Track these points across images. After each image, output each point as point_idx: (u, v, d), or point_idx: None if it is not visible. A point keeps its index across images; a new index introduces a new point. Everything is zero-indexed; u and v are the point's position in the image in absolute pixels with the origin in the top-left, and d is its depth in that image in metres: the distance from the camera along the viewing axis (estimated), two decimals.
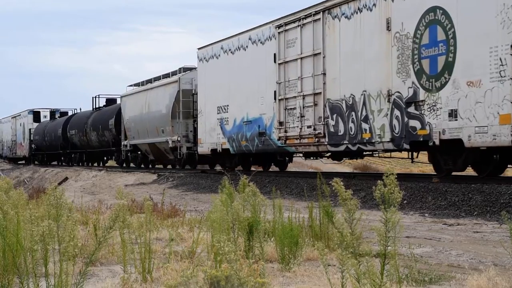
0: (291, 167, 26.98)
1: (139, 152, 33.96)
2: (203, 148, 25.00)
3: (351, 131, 16.81)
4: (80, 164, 43.72)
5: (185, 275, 3.91)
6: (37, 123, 53.14)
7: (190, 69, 28.40)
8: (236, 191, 6.73)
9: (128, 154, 34.63)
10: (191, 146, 27.27)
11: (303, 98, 18.76)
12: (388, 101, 15.52)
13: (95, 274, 6.07)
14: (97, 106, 41.88)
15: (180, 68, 28.90)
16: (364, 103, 16.35)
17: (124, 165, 35.68)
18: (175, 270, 5.59)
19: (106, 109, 39.81)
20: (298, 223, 6.98)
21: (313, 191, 15.23)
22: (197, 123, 25.98)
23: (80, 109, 49.57)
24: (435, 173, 15.80)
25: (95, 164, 42.62)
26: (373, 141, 16.04)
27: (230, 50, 23.09)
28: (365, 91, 16.29)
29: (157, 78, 31.51)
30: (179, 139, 27.49)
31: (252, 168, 24.82)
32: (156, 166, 34.00)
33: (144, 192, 20.10)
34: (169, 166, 32.53)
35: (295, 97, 19.18)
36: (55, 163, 51.28)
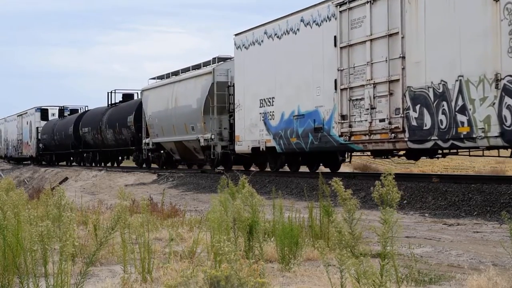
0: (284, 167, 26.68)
1: (162, 151, 30.79)
2: (242, 146, 22.26)
3: (442, 125, 14.15)
4: (93, 164, 40.44)
5: (185, 275, 3.91)
6: (45, 121, 50.39)
7: (225, 59, 25.39)
8: (236, 191, 6.73)
9: (149, 154, 31.45)
10: (227, 144, 24.33)
11: (374, 87, 16.01)
12: (496, 87, 12.91)
13: (95, 274, 6.08)
14: (112, 102, 38.38)
15: (214, 58, 25.67)
16: (460, 91, 13.70)
17: (144, 165, 32.70)
18: (175, 270, 5.59)
19: (124, 104, 36.33)
20: (298, 223, 6.99)
21: (313, 191, 15.23)
22: (233, 119, 23.27)
23: (86, 107, 47.02)
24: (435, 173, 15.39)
25: (109, 164, 40.01)
26: (473, 136, 13.43)
27: (276, 34, 20.27)
28: (462, 76, 13.64)
29: (186, 70, 28.33)
30: (212, 137, 24.48)
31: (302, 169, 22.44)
32: (180, 166, 31.28)
33: (144, 192, 20.10)
34: (195, 167, 30.12)
35: (362, 85, 16.39)
36: (63, 163, 48.94)
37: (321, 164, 22.26)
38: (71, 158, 46.74)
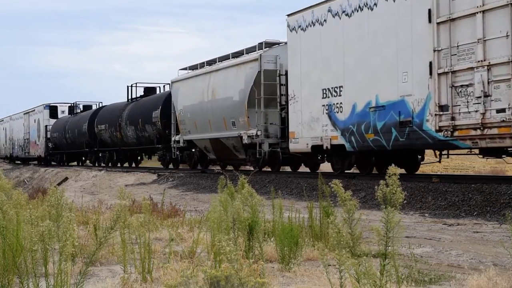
0: (284, 167, 26.49)
1: (193, 150, 27.56)
2: (298, 144, 19.14)
3: None
4: (110, 164, 36.94)
5: (185, 275, 3.91)
6: (55, 119, 47.16)
7: (273, 44, 22.19)
8: (235, 191, 6.74)
9: (177, 153, 28.07)
10: (275, 142, 21.16)
11: (488, 70, 13.08)
12: None
13: (95, 274, 6.08)
14: (133, 96, 34.88)
15: (260, 43, 22.33)
16: None
17: (171, 165, 29.93)
18: (175, 270, 5.59)
19: (148, 99, 32.75)
20: (298, 223, 6.99)
21: (313, 191, 15.24)
22: (286, 112, 20.21)
23: (100, 104, 43.52)
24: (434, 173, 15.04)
25: (126, 164, 37.46)
26: None
27: (344, 12, 17.24)
28: None
29: (225, 58, 24.94)
30: (258, 133, 21.25)
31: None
32: (210, 167, 27.89)
33: (144, 192, 20.11)
34: (229, 167, 26.50)
35: (471, 68, 13.45)
36: (74, 163, 45.91)
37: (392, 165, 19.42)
38: (83, 158, 44.12)
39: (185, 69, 28.21)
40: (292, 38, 19.68)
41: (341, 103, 17.47)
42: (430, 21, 14.47)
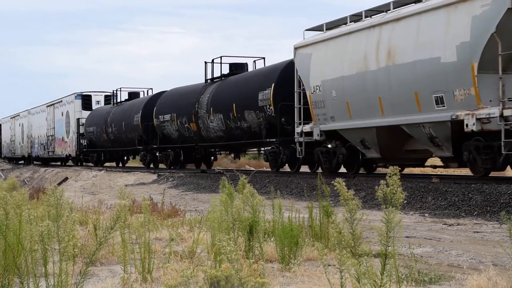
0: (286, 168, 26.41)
1: (330, 145, 18.96)
2: None
3: None
4: (178, 166, 28.68)
5: (185, 275, 3.91)
6: (88, 111, 39.48)
7: None
8: (236, 191, 6.74)
9: (299, 149, 19.42)
10: None
11: None
12: None
13: (95, 274, 6.08)
14: (213, 76, 26.41)
15: None
16: None
17: (287, 167, 21.86)
18: (175, 270, 5.59)
19: (245, 76, 24.20)
20: (298, 223, 7.00)
21: (313, 191, 15.24)
22: None
23: (150, 90, 35.64)
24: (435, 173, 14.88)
25: (190, 166, 29.33)
26: None
27: None
28: None
29: (407, 1, 16.04)
30: (507, 113, 12.78)
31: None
32: (365, 169, 19.58)
33: (144, 192, 20.11)
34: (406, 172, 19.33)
35: None
36: (112, 164, 37.61)
37: None
38: (125, 158, 37.23)
39: (316, 29, 19.35)
40: None
41: None
42: None
